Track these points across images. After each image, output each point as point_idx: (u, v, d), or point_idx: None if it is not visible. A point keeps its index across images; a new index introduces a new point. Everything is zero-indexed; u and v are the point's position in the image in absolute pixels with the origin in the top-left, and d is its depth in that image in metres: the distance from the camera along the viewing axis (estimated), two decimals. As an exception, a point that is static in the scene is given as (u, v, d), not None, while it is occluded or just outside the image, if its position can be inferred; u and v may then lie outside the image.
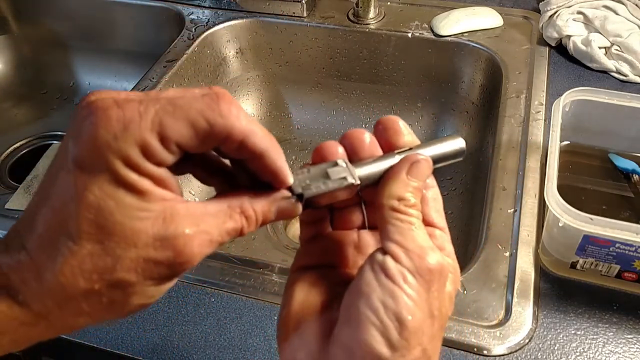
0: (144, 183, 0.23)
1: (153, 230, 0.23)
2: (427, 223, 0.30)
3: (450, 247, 0.30)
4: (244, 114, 0.25)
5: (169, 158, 0.24)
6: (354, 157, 0.30)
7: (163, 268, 0.24)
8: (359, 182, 0.29)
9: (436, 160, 0.30)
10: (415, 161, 0.29)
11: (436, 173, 0.31)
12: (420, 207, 0.29)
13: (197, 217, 0.24)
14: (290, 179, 0.27)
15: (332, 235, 0.32)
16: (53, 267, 0.23)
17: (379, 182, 0.29)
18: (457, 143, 0.31)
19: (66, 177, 0.23)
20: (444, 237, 0.30)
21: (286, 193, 0.27)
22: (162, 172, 0.24)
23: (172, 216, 0.24)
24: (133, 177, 0.23)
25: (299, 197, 0.28)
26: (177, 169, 0.26)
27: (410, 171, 0.29)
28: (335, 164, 0.29)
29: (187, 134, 0.24)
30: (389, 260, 0.26)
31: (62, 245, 0.23)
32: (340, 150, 0.30)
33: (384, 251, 0.27)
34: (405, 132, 0.31)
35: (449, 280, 0.28)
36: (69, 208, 0.23)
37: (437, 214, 0.30)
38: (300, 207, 0.28)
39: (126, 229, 0.23)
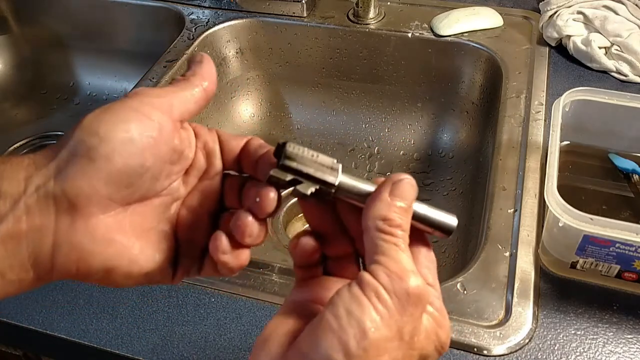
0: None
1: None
2: None
3: (439, 304, 0.30)
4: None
5: None
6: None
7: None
8: (335, 183, 0.29)
9: (422, 219, 0.30)
10: (396, 181, 0.29)
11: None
12: (407, 229, 0.28)
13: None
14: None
15: (325, 280, 0.32)
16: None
17: (363, 207, 0.29)
18: (451, 219, 0.30)
19: None
20: (434, 292, 0.30)
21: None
22: None
23: None
24: None
25: (282, 145, 0.29)
26: None
27: (392, 191, 0.28)
28: (333, 164, 0.30)
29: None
30: (366, 275, 0.26)
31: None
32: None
33: (366, 270, 0.27)
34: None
35: (431, 328, 0.28)
36: None
37: (428, 271, 0.30)
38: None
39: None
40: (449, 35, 0.84)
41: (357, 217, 0.30)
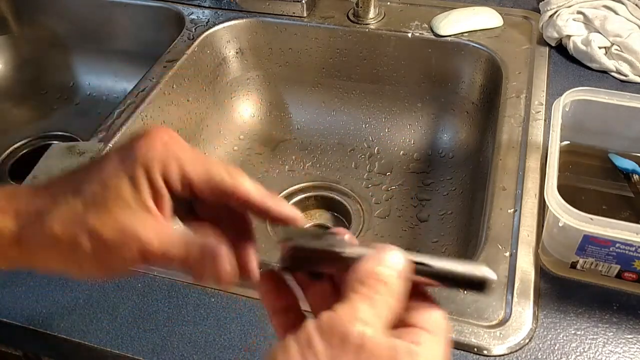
0: (145, 187, 0.29)
1: (121, 219, 0.29)
2: (408, 325, 0.27)
3: (435, 351, 0.26)
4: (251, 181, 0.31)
5: (179, 188, 0.30)
6: None
7: (105, 249, 0.29)
8: (347, 254, 0.28)
9: (446, 277, 0.28)
10: (386, 248, 0.28)
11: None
12: (395, 290, 0.26)
13: (158, 232, 0.29)
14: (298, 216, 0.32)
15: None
16: (50, 211, 0.30)
17: None
18: (482, 271, 0.27)
19: (101, 160, 0.31)
20: (429, 338, 0.26)
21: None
22: (166, 196, 0.30)
23: (142, 221, 0.29)
24: (141, 179, 0.29)
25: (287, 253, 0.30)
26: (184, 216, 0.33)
27: (379, 257, 0.27)
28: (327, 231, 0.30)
29: (202, 179, 0.30)
30: (308, 321, 0.25)
31: (64, 199, 0.30)
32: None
33: None
34: None
35: None
36: (88, 176, 0.30)
37: (432, 323, 0.27)
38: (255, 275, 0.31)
39: (105, 208, 0.29)
40: (449, 35, 0.84)
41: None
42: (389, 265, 0.27)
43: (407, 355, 0.25)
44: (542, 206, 0.59)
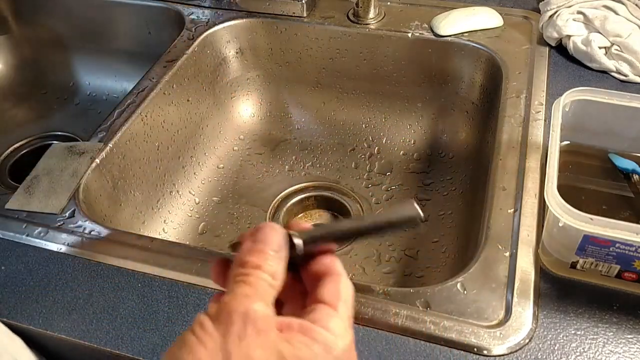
0: None
1: None
2: (315, 300, 0.29)
3: (335, 325, 0.28)
4: None
5: None
6: None
7: None
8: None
9: (380, 226, 0.31)
10: (257, 228, 0.30)
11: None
12: (269, 269, 0.28)
13: None
14: None
15: None
16: None
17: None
18: (410, 210, 0.31)
19: None
20: (330, 313, 0.29)
21: None
22: None
23: None
24: None
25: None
26: None
27: (252, 237, 0.30)
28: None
29: None
30: (200, 314, 0.27)
31: None
32: None
33: None
34: None
35: (297, 343, 0.27)
36: None
37: (331, 295, 0.29)
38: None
39: None
40: (449, 35, 0.84)
41: None
42: (258, 248, 0.29)
43: (301, 334, 0.27)
44: (542, 206, 0.59)
